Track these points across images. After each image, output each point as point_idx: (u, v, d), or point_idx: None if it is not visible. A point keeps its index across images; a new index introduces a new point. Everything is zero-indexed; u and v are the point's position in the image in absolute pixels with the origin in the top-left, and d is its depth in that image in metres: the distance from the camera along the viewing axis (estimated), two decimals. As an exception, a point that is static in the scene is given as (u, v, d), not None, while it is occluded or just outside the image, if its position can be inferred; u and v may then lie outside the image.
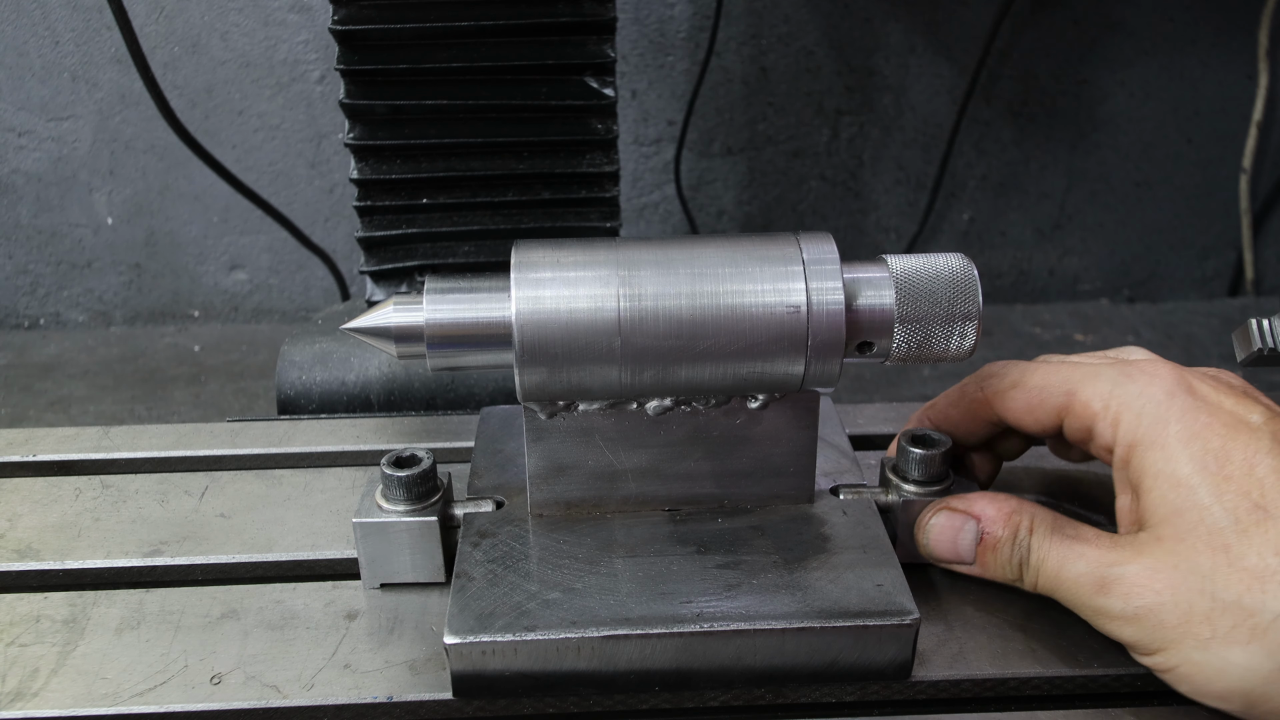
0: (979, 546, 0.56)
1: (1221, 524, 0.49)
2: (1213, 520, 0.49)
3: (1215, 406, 0.52)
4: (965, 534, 0.56)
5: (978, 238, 1.73)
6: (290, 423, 0.78)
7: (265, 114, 1.58)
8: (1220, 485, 0.49)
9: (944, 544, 0.57)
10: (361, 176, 0.84)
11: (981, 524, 0.56)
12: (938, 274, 0.54)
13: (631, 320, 0.52)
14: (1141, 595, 0.49)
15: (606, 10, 0.82)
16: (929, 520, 0.58)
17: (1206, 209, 1.72)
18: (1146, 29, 1.59)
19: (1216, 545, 0.48)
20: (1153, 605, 0.49)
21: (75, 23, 1.52)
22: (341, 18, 0.81)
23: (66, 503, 0.68)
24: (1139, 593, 0.50)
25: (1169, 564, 0.49)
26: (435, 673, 0.54)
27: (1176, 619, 0.48)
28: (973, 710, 0.54)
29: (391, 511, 0.58)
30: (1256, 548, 0.48)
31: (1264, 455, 0.49)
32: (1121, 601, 0.50)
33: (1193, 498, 0.50)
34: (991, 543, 0.55)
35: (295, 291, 1.72)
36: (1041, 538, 0.54)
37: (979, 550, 0.56)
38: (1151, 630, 0.49)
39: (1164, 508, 0.50)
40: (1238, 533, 0.48)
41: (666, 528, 0.58)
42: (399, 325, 0.53)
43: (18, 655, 0.56)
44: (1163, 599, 0.49)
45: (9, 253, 1.66)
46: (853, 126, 1.64)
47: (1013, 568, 0.55)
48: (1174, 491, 0.50)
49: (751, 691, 0.54)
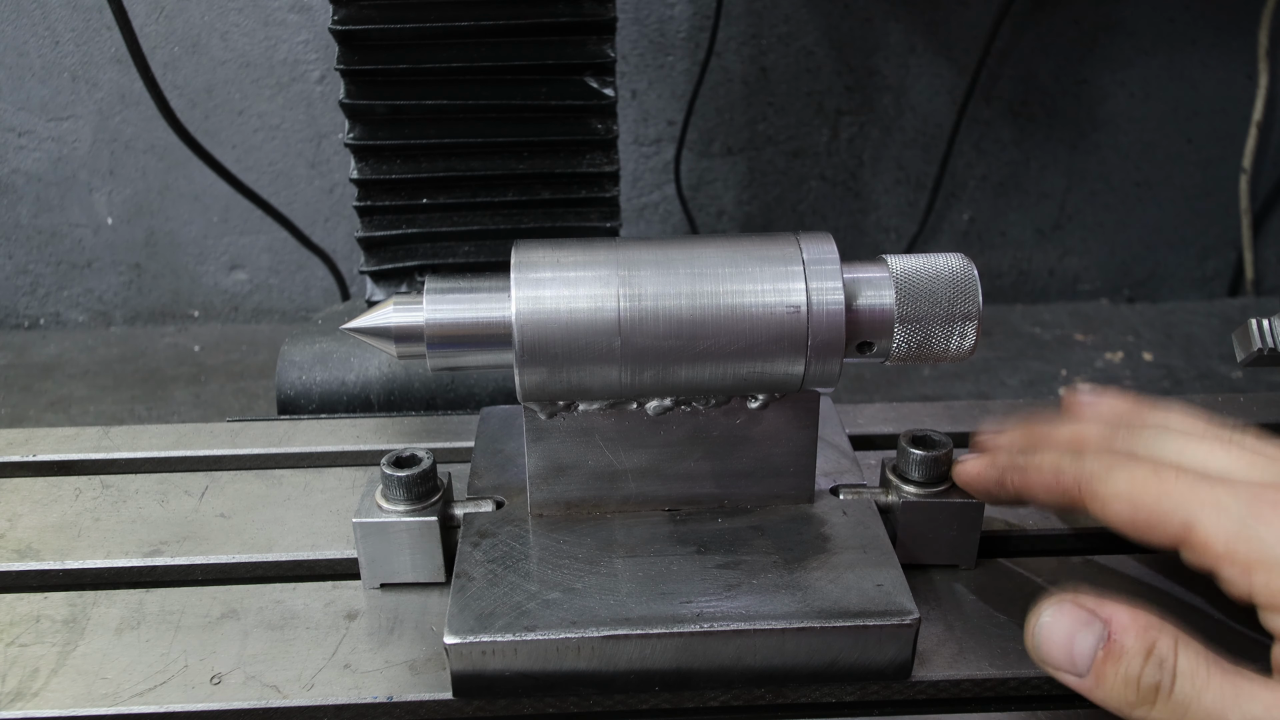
0: (1099, 655, 0.46)
1: None
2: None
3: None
4: (1087, 638, 0.47)
5: (978, 238, 1.73)
6: (290, 423, 0.78)
7: (265, 114, 1.58)
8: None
9: (1058, 645, 0.47)
10: (361, 176, 0.84)
11: (1111, 628, 0.46)
12: (938, 274, 0.54)
13: (631, 320, 0.52)
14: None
15: (606, 10, 0.82)
16: (1044, 614, 0.48)
17: (1206, 209, 1.72)
18: (1146, 29, 1.59)
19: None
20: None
21: (75, 23, 1.52)
22: (341, 18, 0.81)
23: (66, 503, 0.68)
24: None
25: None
26: (435, 673, 0.54)
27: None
28: (973, 710, 0.54)
29: (391, 511, 0.58)
30: None
31: None
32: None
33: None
34: (1118, 653, 0.46)
35: (295, 291, 1.72)
36: (1194, 663, 0.45)
37: (1097, 660, 0.46)
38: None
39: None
40: None
41: (666, 528, 0.58)
42: (399, 325, 0.54)
43: (18, 655, 0.56)
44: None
45: (9, 253, 1.66)
46: (853, 126, 1.64)
47: (1143, 690, 0.45)
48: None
49: (751, 691, 0.54)
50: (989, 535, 0.62)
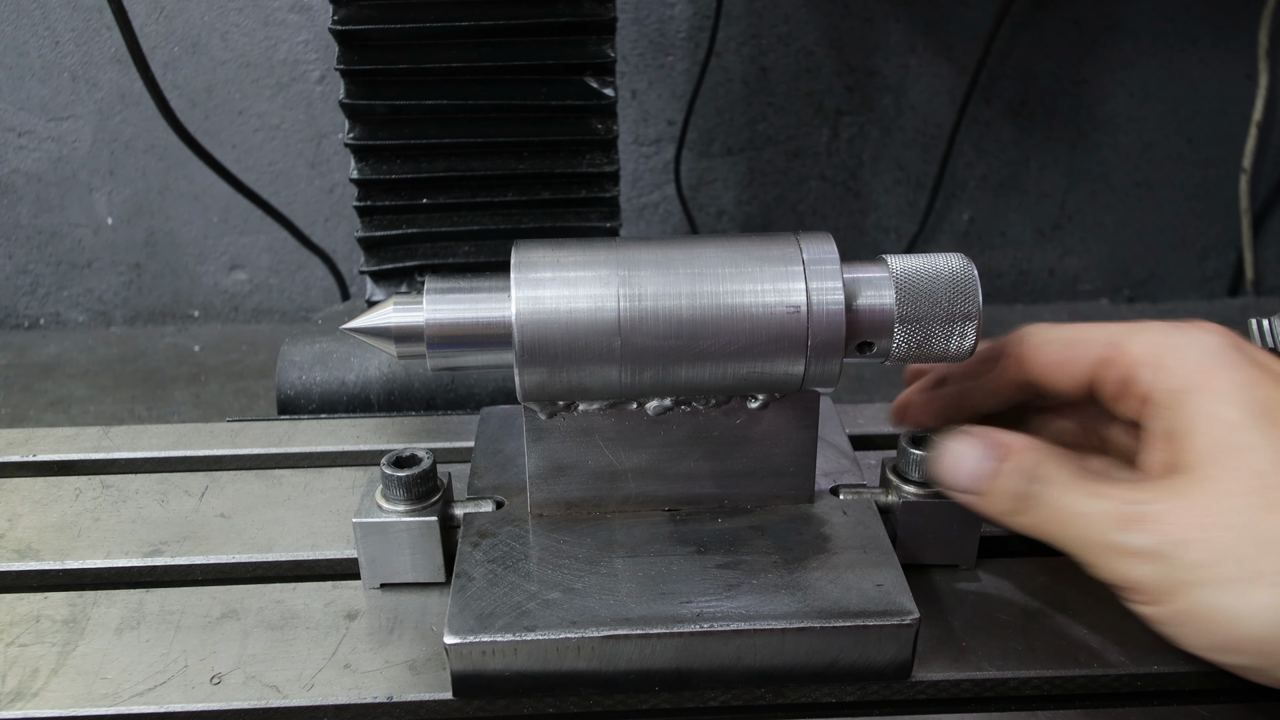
0: (990, 474, 0.53)
1: (1267, 465, 0.47)
2: (1259, 461, 0.47)
3: (1264, 365, 0.51)
4: (983, 461, 0.53)
5: (978, 238, 1.73)
6: (290, 423, 0.78)
7: (265, 114, 1.58)
8: (1270, 430, 0.48)
9: (962, 469, 0.54)
10: (361, 176, 0.84)
11: (999, 452, 0.53)
12: (938, 274, 0.54)
13: (631, 320, 0.52)
14: (1170, 530, 0.47)
15: (606, 10, 0.82)
16: (952, 444, 0.55)
17: (1206, 209, 1.72)
18: (1146, 29, 1.59)
19: (1261, 485, 0.47)
20: (1180, 541, 0.47)
21: (75, 23, 1.52)
22: (341, 18, 0.81)
23: (66, 503, 0.68)
24: (1168, 529, 0.47)
25: (1205, 503, 0.47)
26: (435, 673, 0.54)
27: (1205, 557, 0.46)
28: (973, 710, 0.54)
29: (391, 511, 0.58)
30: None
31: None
32: (1147, 536, 0.48)
33: (1240, 438, 0.48)
34: (1005, 472, 0.52)
35: (295, 291, 1.72)
36: (1059, 473, 0.51)
37: (989, 479, 0.53)
38: (1171, 569, 0.47)
39: (1208, 449, 0.49)
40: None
41: (666, 528, 0.58)
42: (399, 325, 0.53)
43: (18, 655, 0.56)
44: (1192, 535, 0.47)
45: (9, 253, 1.66)
46: (853, 126, 1.64)
47: (1019, 499, 0.52)
48: (1221, 433, 0.49)
49: (751, 691, 0.54)
50: (989, 535, 0.62)
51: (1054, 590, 0.59)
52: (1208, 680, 0.55)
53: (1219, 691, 0.55)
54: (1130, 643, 0.56)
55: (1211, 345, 0.52)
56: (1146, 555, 0.48)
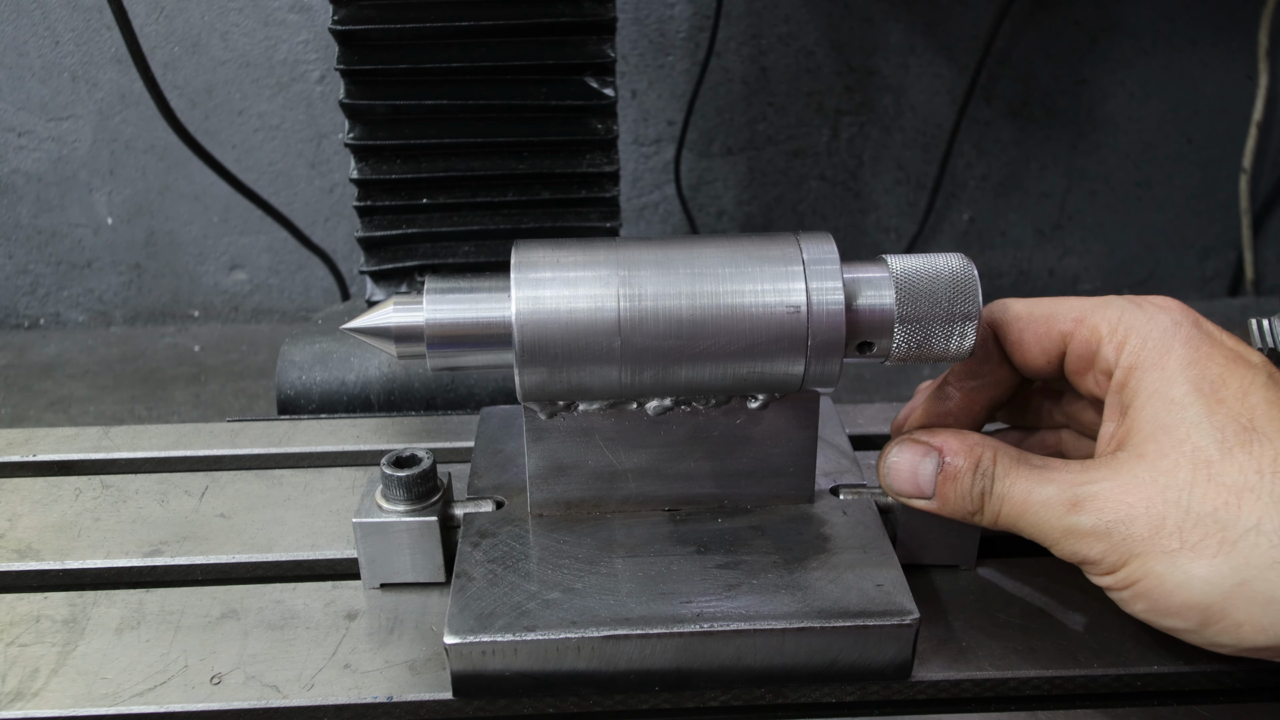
0: (939, 478, 0.54)
1: (1206, 441, 0.49)
2: (1199, 437, 0.49)
3: (1218, 341, 0.52)
4: (926, 466, 0.55)
5: (978, 238, 1.73)
6: (290, 423, 0.78)
7: (265, 114, 1.58)
8: (1213, 407, 0.49)
9: (904, 477, 0.55)
10: (361, 176, 0.84)
11: (944, 455, 0.54)
12: (938, 274, 0.54)
13: (631, 320, 0.52)
14: (1115, 509, 0.49)
15: (606, 10, 0.82)
16: (890, 453, 0.56)
17: (1206, 209, 1.72)
18: (1146, 29, 1.59)
19: (1199, 460, 0.48)
20: (1124, 517, 0.49)
21: (75, 23, 1.52)
22: (341, 18, 0.81)
23: (66, 503, 0.68)
24: (1112, 506, 0.49)
25: (1146, 478, 0.49)
26: (435, 673, 0.54)
27: (1147, 530, 0.48)
28: (973, 710, 0.54)
29: (391, 511, 0.58)
30: (1239, 464, 0.48)
31: (1259, 387, 0.50)
32: (1094, 516, 0.49)
33: (1182, 415, 0.50)
34: (952, 473, 0.54)
35: (295, 291, 1.72)
36: (1006, 467, 0.53)
37: (939, 482, 0.55)
38: (1119, 544, 0.49)
39: (1151, 425, 0.50)
40: (1222, 451, 0.48)
41: (666, 528, 0.58)
42: (399, 325, 0.53)
43: (18, 655, 0.56)
44: (1135, 511, 0.49)
45: (9, 253, 1.66)
46: (853, 126, 1.64)
47: (973, 499, 0.54)
48: (1165, 410, 0.50)
49: (751, 691, 0.54)
50: (989, 535, 0.62)
51: (1054, 590, 0.59)
52: (1208, 680, 0.55)
53: (1219, 691, 0.55)
54: (1130, 643, 0.56)
55: (1165, 322, 0.53)
56: (1095, 534, 0.50)
